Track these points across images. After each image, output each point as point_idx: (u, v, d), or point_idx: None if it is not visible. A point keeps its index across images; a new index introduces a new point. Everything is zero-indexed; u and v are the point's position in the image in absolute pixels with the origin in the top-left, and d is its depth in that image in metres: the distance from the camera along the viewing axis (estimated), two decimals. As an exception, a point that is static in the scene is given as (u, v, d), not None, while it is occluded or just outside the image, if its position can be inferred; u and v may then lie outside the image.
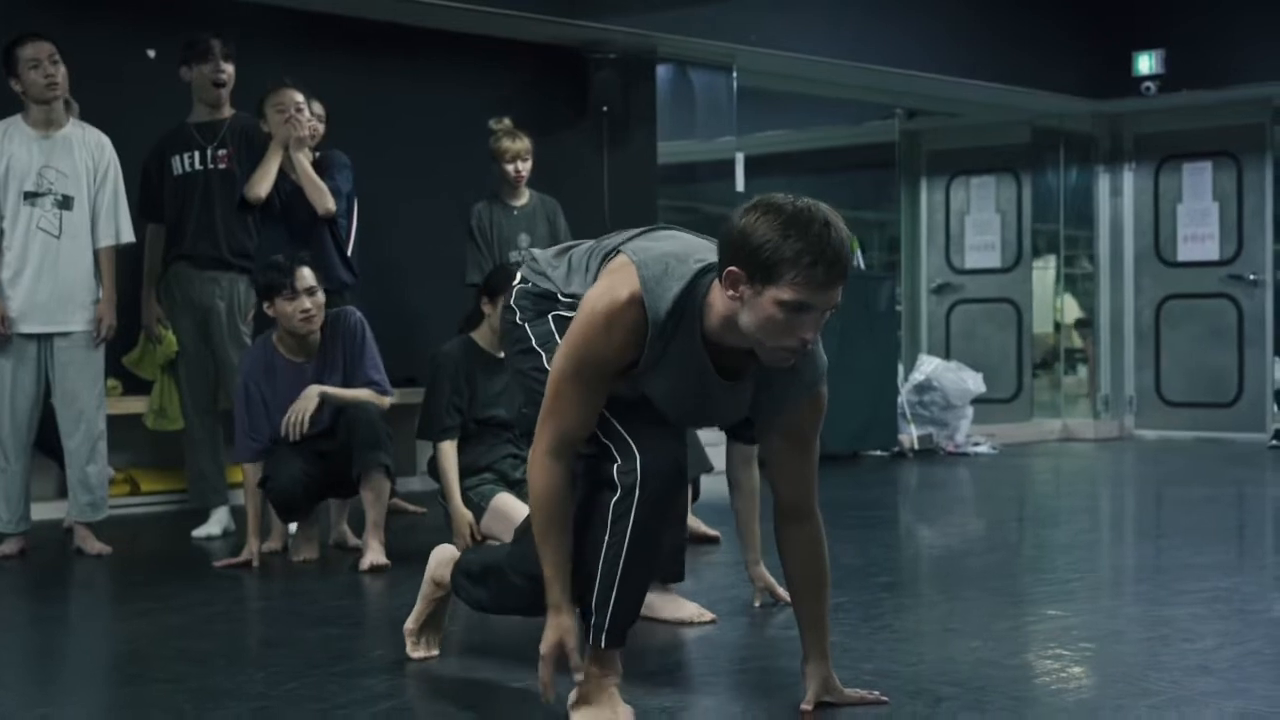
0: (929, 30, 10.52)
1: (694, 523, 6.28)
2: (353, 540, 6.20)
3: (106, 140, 6.26)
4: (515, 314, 3.49)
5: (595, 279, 3.28)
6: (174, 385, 7.00)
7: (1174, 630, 4.34)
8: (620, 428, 3.23)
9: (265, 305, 5.81)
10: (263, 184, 6.47)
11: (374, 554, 5.63)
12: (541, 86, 9.08)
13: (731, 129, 9.93)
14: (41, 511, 6.59)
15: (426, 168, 8.57)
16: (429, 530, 6.66)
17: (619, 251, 3.22)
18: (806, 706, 3.38)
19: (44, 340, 6.08)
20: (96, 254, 6.16)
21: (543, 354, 3.38)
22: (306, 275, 5.73)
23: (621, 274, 3.14)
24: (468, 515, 5.76)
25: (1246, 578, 5.35)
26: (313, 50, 8.16)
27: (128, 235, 6.24)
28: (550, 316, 3.41)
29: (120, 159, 6.84)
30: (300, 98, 6.55)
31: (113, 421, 7.25)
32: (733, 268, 2.98)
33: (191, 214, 6.70)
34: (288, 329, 5.76)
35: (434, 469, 5.96)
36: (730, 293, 3.00)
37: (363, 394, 5.81)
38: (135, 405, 7.37)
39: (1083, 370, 12.80)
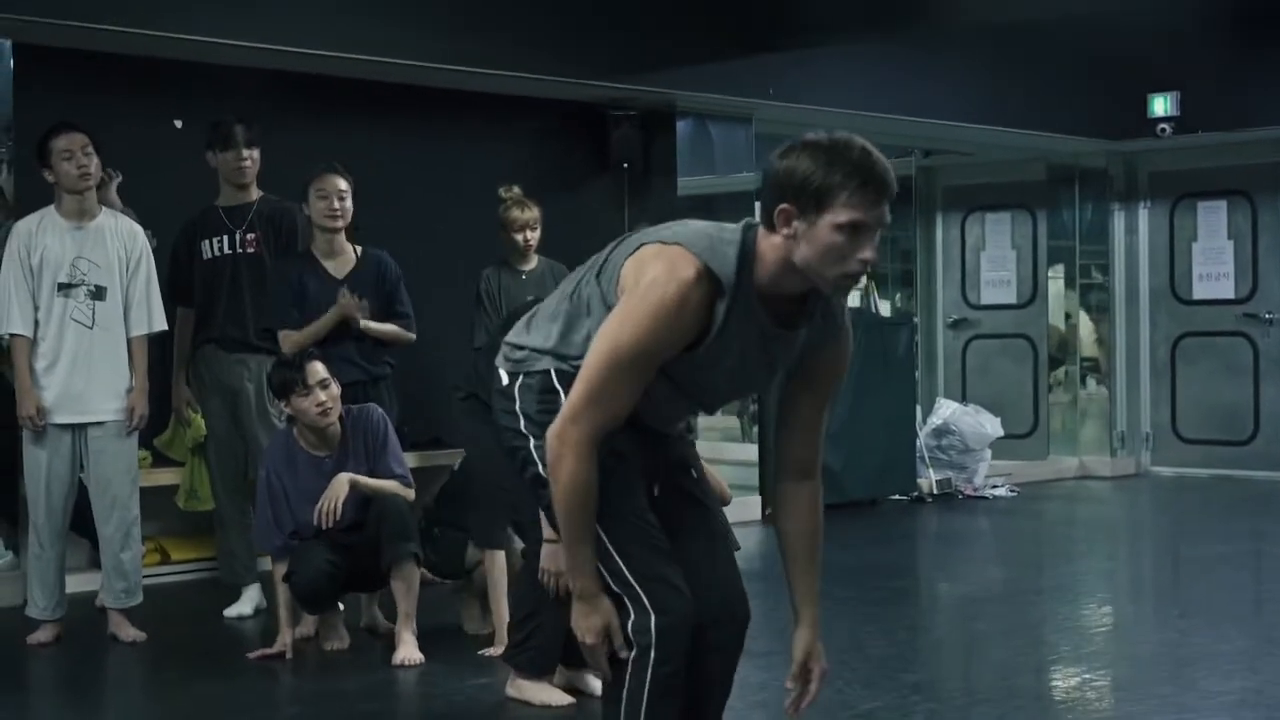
0: (945, 78, 10.56)
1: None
2: (384, 625, 6.26)
3: (139, 229, 6.32)
4: (519, 421, 3.29)
5: (611, 295, 3.16)
6: (204, 466, 7.07)
7: (1202, 750, 4.40)
8: (629, 573, 3.18)
9: (282, 404, 5.90)
10: (306, 342, 6.35)
11: (406, 648, 5.69)
12: (562, 143, 9.14)
13: (750, 169, 9.98)
14: (74, 584, 6.62)
15: (449, 226, 8.62)
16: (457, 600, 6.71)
17: (640, 247, 3.13)
18: (790, 682, 3.34)
19: (78, 429, 6.15)
20: (129, 342, 6.22)
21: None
22: (318, 369, 5.82)
23: (671, 256, 3.05)
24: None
25: (1272, 674, 5.38)
26: (335, 113, 8.24)
27: (160, 324, 6.31)
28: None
29: (150, 229, 6.92)
30: (344, 185, 6.48)
31: (143, 493, 7.32)
32: (784, 205, 2.98)
33: (220, 298, 6.76)
34: (306, 424, 5.84)
35: (462, 567, 6.06)
36: (785, 230, 2.99)
37: (389, 485, 5.88)
38: (165, 477, 7.44)
39: (1094, 385, 12.81)
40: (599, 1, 8.61)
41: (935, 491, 10.55)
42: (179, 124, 7.86)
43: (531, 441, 3.25)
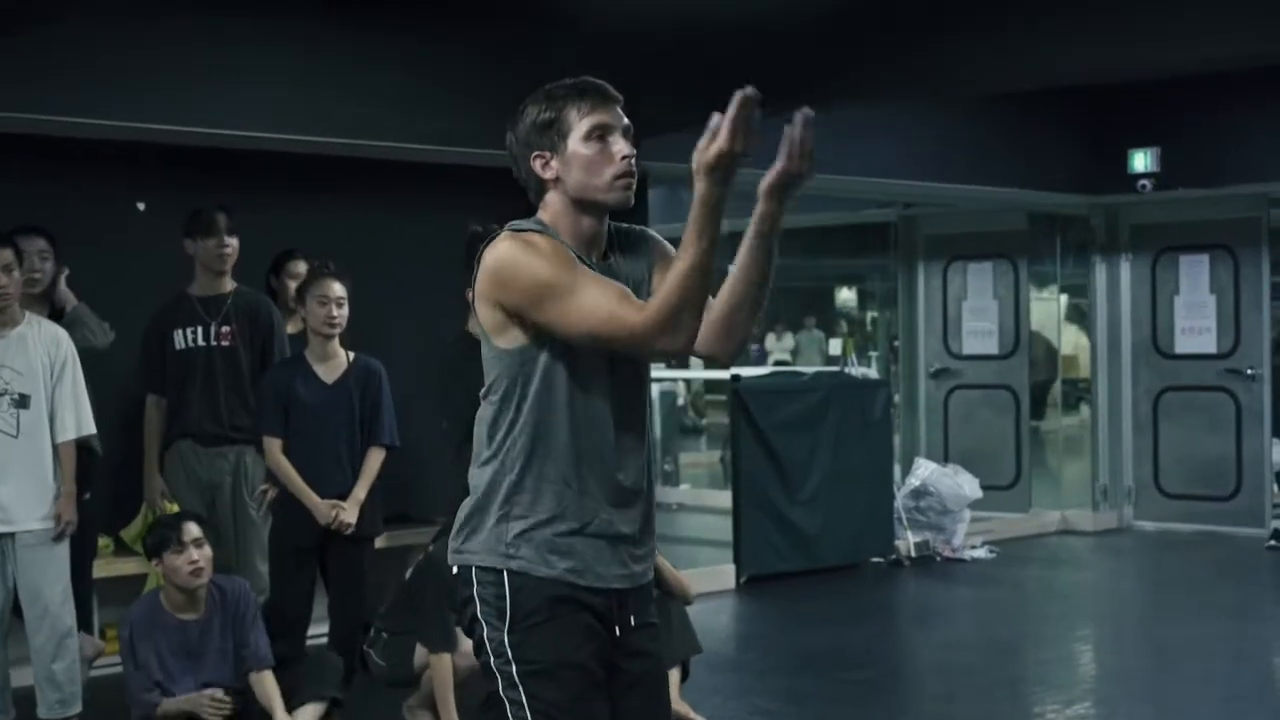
0: (923, 139, 10.50)
1: (681, 707, 6.26)
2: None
3: (63, 334, 6.19)
4: (476, 606, 3.19)
5: (488, 331, 3.16)
6: None
7: None
8: None
9: (154, 562, 5.76)
10: (284, 481, 6.38)
11: None
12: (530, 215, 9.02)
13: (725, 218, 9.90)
14: (22, 677, 6.44)
15: (422, 298, 8.53)
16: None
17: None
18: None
19: (6, 539, 6.01)
20: (56, 449, 6.08)
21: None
22: (193, 529, 5.74)
23: (494, 244, 3.11)
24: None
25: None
26: (300, 190, 8.16)
27: (89, 428, 6.17)
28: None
29: (110, 314, 6.87)
30: (343, 291, 6.34)
31: (105, 582, 7.27)
32: (535, 154, 3.16)
33: (194, 391, 6.66)
34: (176, 583, 5.72)
35: (410, 673, 6.00)
36: (548, 175, 3.16)
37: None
38: (126, 566, 7.37)
39: (1085, 410, 12.72)
40: (568, 76, 8.52)
41: (913, 554, 10.46)
42: (141, 206, 7.78)
43: (486, 631, 3.15)
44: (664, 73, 8.23)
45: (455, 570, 3.23)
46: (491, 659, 3.15)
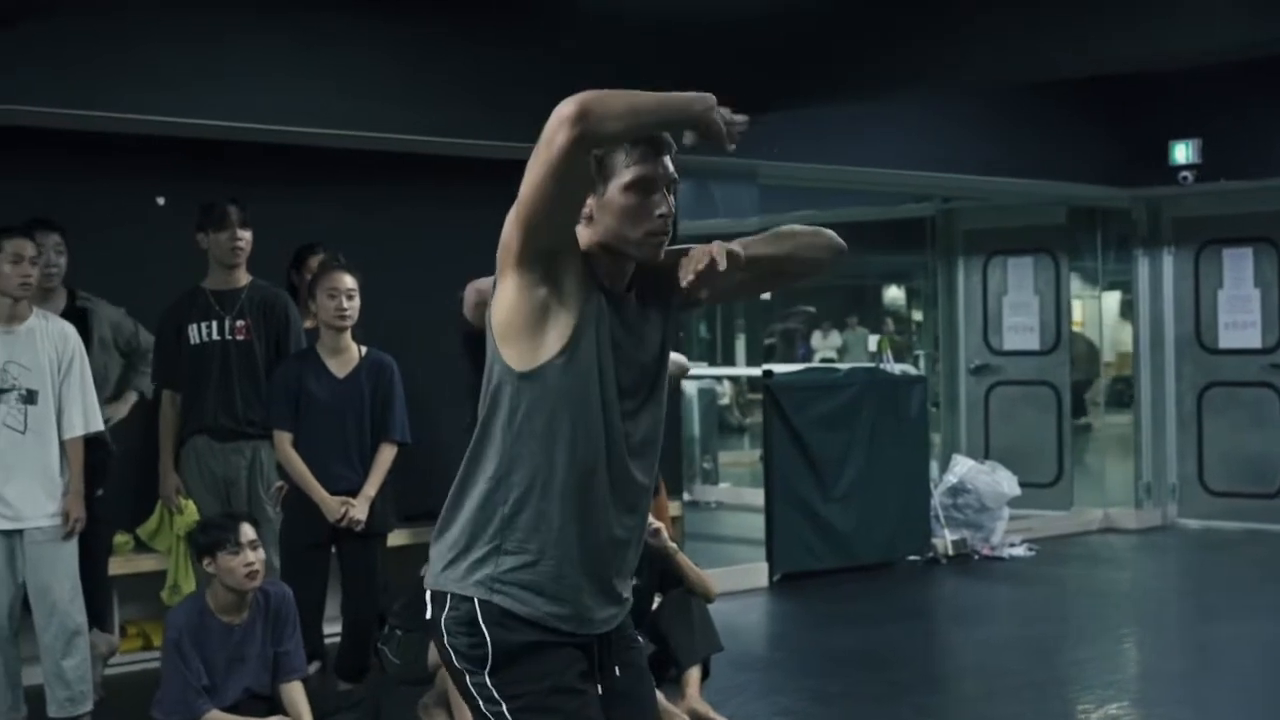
0: (959, 131, 10.34)
1: (702, 706, 6.14)
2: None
3: (70, 329, 6.12)
4: (451, 657, 3.07)
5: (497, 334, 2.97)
6: (189, 557, 6.84)
7: None
8: None
9: (207, 563, 5.59)
10: (293, 477, 6.37)
11: None
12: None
13: (756, 215, 9.77)
14: (34, 676, 6.29)
15: (438, 290, 8.42)
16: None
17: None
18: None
19: (14, 536, 5.94)
20: (63, 445, 6.01)
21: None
22: (248, 530, 5.59)
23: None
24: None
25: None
26: (317, 182, 8.09)
27: (96, 424, 6.11)
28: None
29: (130, 309, 6.83)
30: (353, 283, 6.29)
31: (124, 579, 7.24)
32: None
33: (210, 386, 6.57)
34: (230, 585, 5.56)
35: (424, 670, 5.91)
36: (583, 213, 2.96)
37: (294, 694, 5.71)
38: (146, 564, 7.33)
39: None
40: (598, 70, 8.41)
41: (951, 552, 10.29)
42: (161, 201, 7.71)
43: (467, 678, 3.01)
44: (670, 63, 8.11)
45: (429, 611, 3.06)
46: (481, 704, 3.00)
